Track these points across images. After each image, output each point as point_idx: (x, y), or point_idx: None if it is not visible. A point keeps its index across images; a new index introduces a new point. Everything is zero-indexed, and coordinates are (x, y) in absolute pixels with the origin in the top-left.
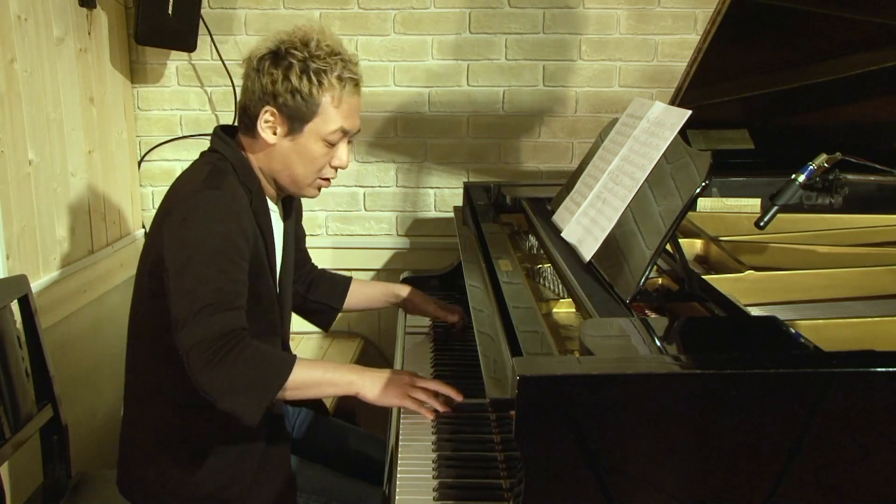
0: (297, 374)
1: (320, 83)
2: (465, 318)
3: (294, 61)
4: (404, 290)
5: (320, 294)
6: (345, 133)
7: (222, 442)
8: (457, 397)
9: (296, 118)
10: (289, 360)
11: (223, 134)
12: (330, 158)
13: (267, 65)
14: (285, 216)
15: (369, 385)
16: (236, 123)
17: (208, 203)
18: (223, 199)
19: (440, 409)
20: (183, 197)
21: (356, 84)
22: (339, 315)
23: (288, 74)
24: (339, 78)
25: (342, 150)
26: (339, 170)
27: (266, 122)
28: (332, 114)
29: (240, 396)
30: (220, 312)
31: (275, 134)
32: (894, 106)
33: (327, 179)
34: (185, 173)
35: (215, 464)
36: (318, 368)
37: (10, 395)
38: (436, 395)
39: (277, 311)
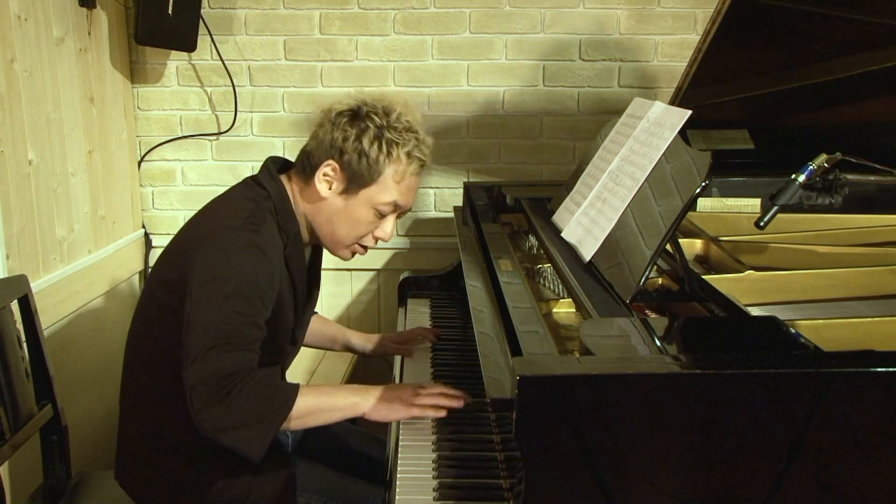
0: (301, 402)
1: (389, 153)
2: (436, 333)
3: (371, 125)
4: (356, 338)
5: None
6: (396, 207)
7: (220, 446)
8: (458, 404)
9: (355, 180)
10: (292, 390)
11: (273, 168)
12: (374, 228)
13: (344, 121)
14: (311, 263)
15: (374, 404)
16: (295, 162)
17: (245, 245)
18: (260, 243)
19: (444, 413)
20: (221, 231)
21: (422, 165)
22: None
23: (361, 136)
24: (408, 154)
25: (388, 223)
26: (378, 241)
27: (325, 174)
28: (390, 186)
29: (244, 431)
30: (231, 352)
31: (330, 188)
32: (894, 106)
33: (364, 248)
34: (225, 201)
35: (213, 468)
36: (321, 395)
37: (10, 395)
38: (441, 399)
39: (290, 339)
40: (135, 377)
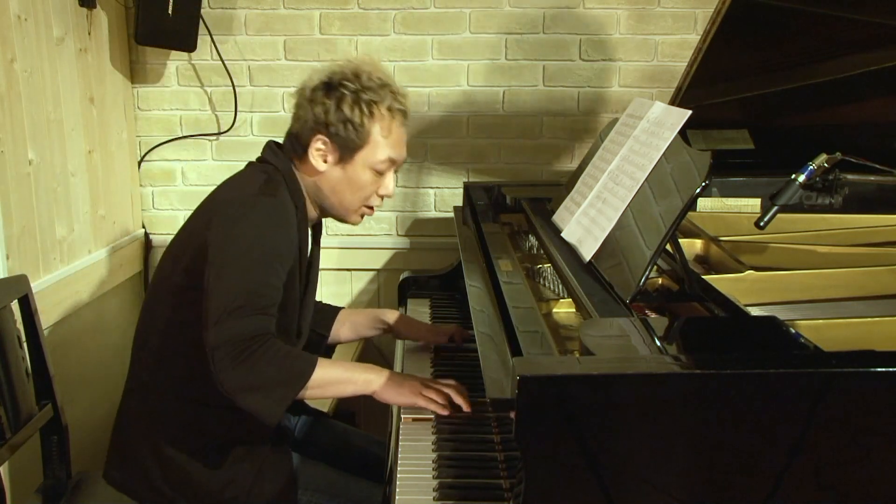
0: (319, 373)
1: (371, 113)
2: (463, 334)
3: (346, 92)
4: (392, 316)
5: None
6: (392, 163)
7: (225, 441)
8: (466, 407)
9: (347, 147)
10: (311, 360)
11: (276, 148)
12: (377, 187)
13: (319, 95)
14: (313, 241)
15: (385, 384)
16: (284, 145)
17: (263, 209)
18: (278, 207)
19: (447, 411)
20: (238, 200)
21: (405, 115)
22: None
23: (340, 105)
24: (389, 109)
25: (389, 179)
26: (384, 198)
27: (317, 150)
28: (381, 143)
29: (262, 395)
30: (251, 315)
31: (325, 162)
32: (894, 106)
33: (371, 208)
34: (236, 179)
35: (216, 463)
36: (337, 368)
37: (10, 395)
38: (448, 397)
39: (296, 326)
40: (143, 366)
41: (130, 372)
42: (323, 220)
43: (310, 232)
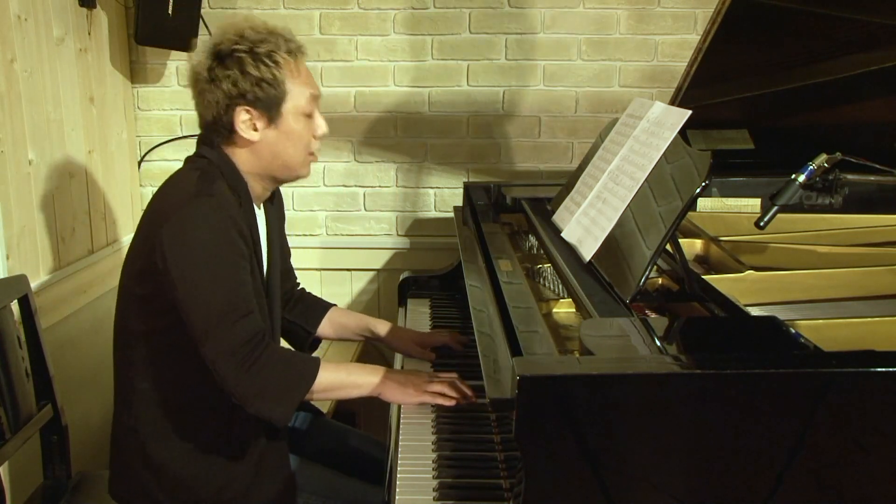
0: (323, 377)
1: (276, 63)
2: (460, 339)
3: (242, 55)
4: (382, 328)
5: (297, 314)
6: (315, 99)
7: (219, 444)
8: (470, 394)
9: (270, 106)
10: (314, 364)
11: (206, 140)
12: (312, 130)
13: (218, 71)
14: (268, 220)
15: (390, 386)
16: (206, 136)
17: (204, 211)
18: (217, 205)
19: (453, 402)
20: (176, 205)
21: (302, 51)
22: None
23: (244, 69)
24: (289, 52)
25: (318, 118)
26: (321, 139)
27: (244, 122)
28: (297, 87)
29: (270, 402)
30: (238, 321)
31: (255, 130)
32: (894, 106)
33: (312, 154)
34: (173, 179)
35: (212, 466)
36: (341, 371)
37: (10, 395)
38: (453, 388)
39: (267, 313)
40: (125, 378)
41: (115, 384)
42: (281, 195)
43: (262, 212)
